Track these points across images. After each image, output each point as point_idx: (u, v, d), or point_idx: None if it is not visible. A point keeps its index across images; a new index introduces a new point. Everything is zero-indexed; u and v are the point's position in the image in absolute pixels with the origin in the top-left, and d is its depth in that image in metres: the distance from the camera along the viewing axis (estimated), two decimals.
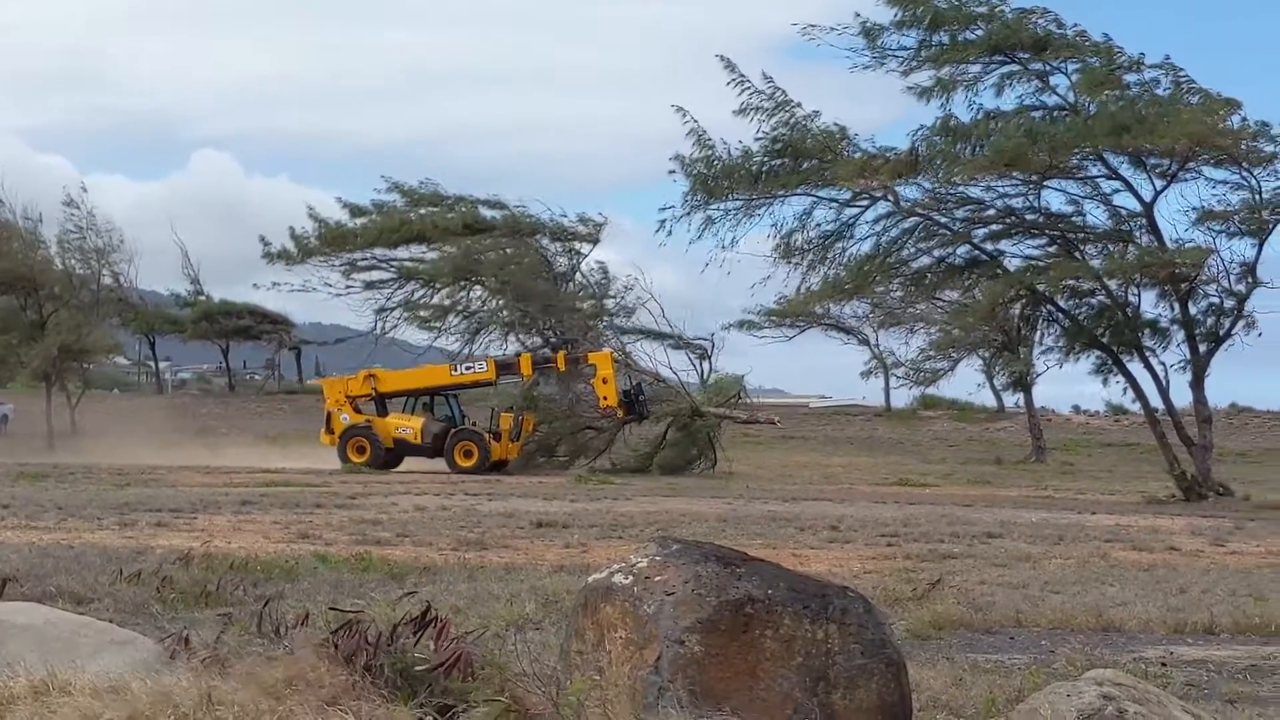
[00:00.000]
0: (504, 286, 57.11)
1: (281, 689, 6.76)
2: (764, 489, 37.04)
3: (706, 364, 55.72)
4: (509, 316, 58.01)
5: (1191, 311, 36.96)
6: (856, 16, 36.48)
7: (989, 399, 78.95)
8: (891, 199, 37.18)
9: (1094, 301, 38.16)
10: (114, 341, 72.97)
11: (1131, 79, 35.81)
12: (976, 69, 36.38)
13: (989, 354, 65.16)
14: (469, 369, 50.06)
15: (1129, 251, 37.35)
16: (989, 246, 38.57)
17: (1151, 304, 37.96)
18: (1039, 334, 43.54)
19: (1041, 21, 35.79)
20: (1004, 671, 9.97)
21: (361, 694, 6.76)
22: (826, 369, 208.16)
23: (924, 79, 36.38)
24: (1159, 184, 36.72)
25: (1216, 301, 37.11)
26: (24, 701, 7.01)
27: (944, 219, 37.91)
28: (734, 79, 37.21)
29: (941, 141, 35.92)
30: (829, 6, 39.88)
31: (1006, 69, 36.30)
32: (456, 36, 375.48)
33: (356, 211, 62.95)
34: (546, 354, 50.66)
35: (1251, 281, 36.65)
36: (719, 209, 38.26)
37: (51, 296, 61.98)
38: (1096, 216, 38.39)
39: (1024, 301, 41.53)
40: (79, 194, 62.94)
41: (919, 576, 15.58)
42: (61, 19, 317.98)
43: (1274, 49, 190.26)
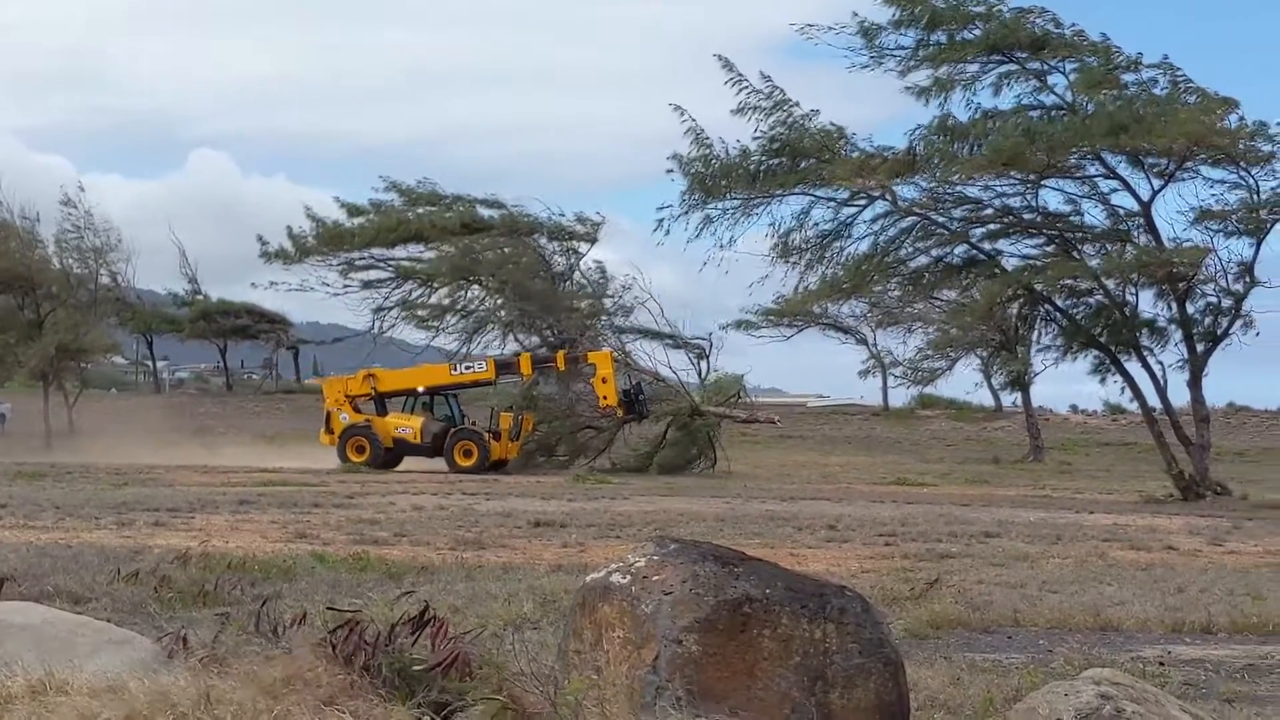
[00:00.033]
0: (503, 286, 57.07)
1: (279, 688, 6.75)
2: (762, 488, 37.04)
3: (705, 363, 55.71)
4: (507, 316, 57.99)
5: (1189, 311, 36.98)
6: (854, 16, 36.55)
7: (987, 398, 79.07)
8: (889, 198, 37.17)
9: (1092, 301, 38.18)
10: (111, 341, 72.96)
11: (1129, 78, 35.88)
12: (974, 68, 36.43)
13: (987, 353, 65.19)
14: (469, 368, 50.05)
15: (1127, 251, 37.37)
16: (987, 246, 38.59)
17: (1149, 303, 38.05)
18: (1037, 333, 43.54)
19: (1039, 21, 35.83)
20: (1002, 671, 9.97)
21: (359, 693, 6.76)
22: (824, 368, 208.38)
23: (922, 78, 36.47)
24: (1157, 183, 36.79)
25: (1214, 301, 37.18)
26: (22, 701, 7.01)
27: (942, 218, 37.92)
28: (731, 78, 37.26)
29: (939, 141, 35.93)
30: (829, 6, 39.87)
31: (1004, 68, 36.34)
32: (456, 36, 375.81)
33: (354, 211, 62.91)
34: (546, 353, 50.67)
35: (1249, 281, 36.70)
36: (717, 208, 38.28)
37: (49, 296, 61.96)
38: (1094, 216, 38.47)
39: (1022, 301, 41.52)
40: (76, 193, 63.07)
41: (917, 576, 15.58)
42: (60, 19, 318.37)
43: (1269, 49, 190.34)
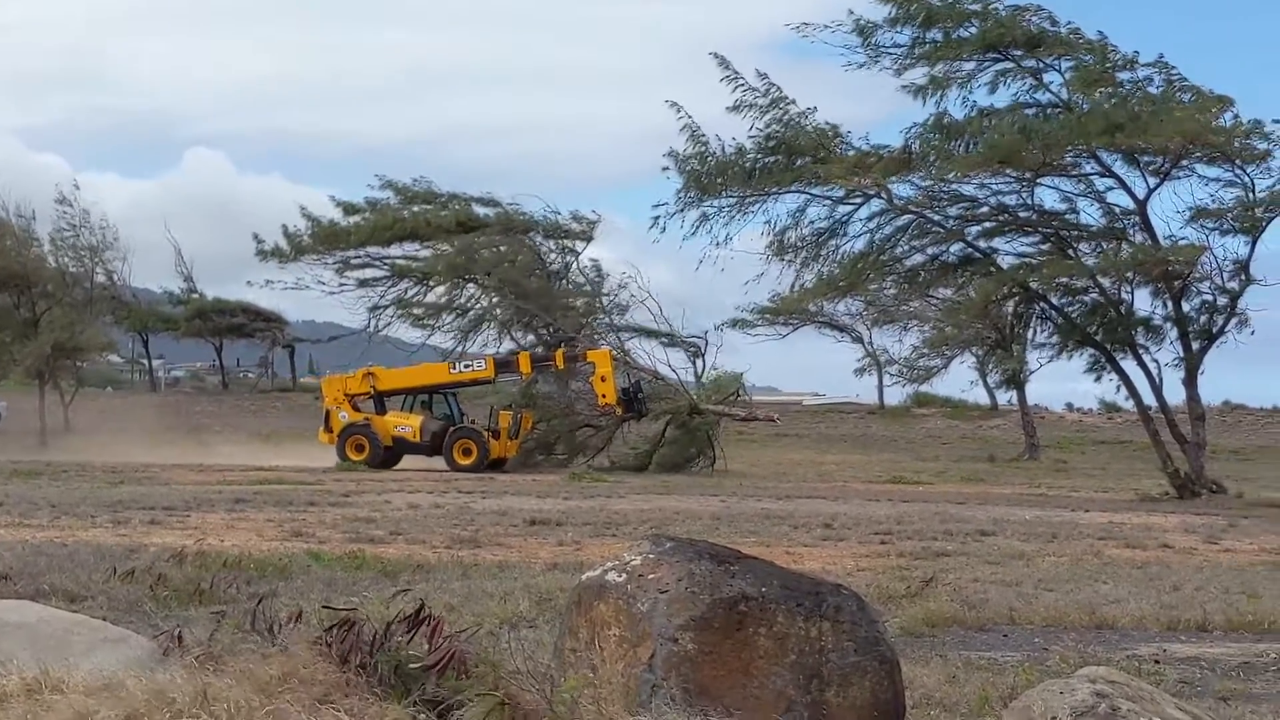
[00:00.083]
0: (501, 284, 56.99)
1: (275, 686, 6.76)
2: (757, 487, 37.03)
3: (700, 362, 55.71)
4: (504, 314, 57.88)
5: (1185, 309, 37.02)
6: (850, 15, 36.55)
7: (982, 396, 79.25)
8: (885, 196, 37.17)
9: (1087, 299, 38.20)
10: (107, 339, 72.90)
11: (1125, 77, 35.89)
12: (970, 66, 36.41)
13: (982, 351, 65.35)
14: (468, 367, 50.01)
15: (1122, 249, 37.38)
16: (982, 244, 38.61)
17: (1145, 301, 38.09)
18: (1032, 331, 43.61)
19: (1035, 19, 35.85)
20: (997, 669, 9.98)
21: (354, 691, 6.76)
22: (820, 366, 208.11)
23: (918, 76, 36.45)
24: (1152, 181, 36.80)
25: (1210, 299, 37.19)
26: (18, 699, 7.00)
27: (937, 216, 37.91)
28: (727, 76, 37.25)
29: (935, 139, 35.93)
30: (826, 5, 39.82)
31: (1000, 66, 36.32)
32: (453, 36, 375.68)
33: (350, 209, 62.88)
34: (545, 352, 50.64)
35: (1244, 279, 36.70)
36: (712, 206, 38.25)
37: (45, 294, 61.95)
38: (1090, 214, 38.50)
39: (1017, 299, 41.57)
40: (72, 192, 63.04)
41: (912, 574, 15.58)
42: (56, 19, 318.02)
43: (1262, 49, 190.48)
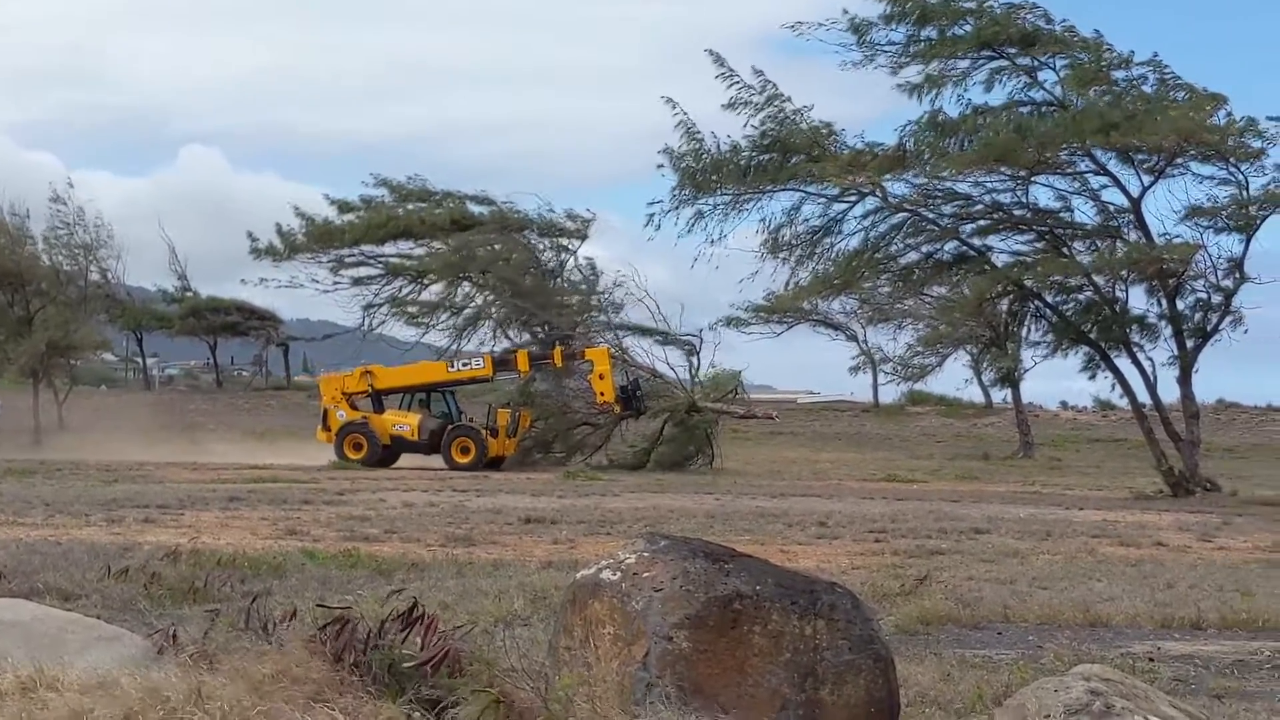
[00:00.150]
0: (498, 282, 56.91)
1: (269, 684, 6.75)
2: (752, 485, 37.04)
3: (694, 360, 55.69)
4: (500, 313, 57.77)
5: (1179, 307, 37.02)
6: (845, 14, 36.54)
7: (977, 394, 79.19)
8: (880, 194, 37.15)
9: (1082, 297, 38.20)
10: (101, 338, 72.81)
11: (1119, 75, 35.89)
12: (965, 64, 36.40)
13: (977, 350, 65.33)
14: (466, 365, 49.96)
15: (1117, 247, 37.39)
16: (977, 242, 38.59)
17: (1140, 300, 38.08)
18: (1026, 330, 43.61)
19: (1030, 17, 35.84)
20: (991, 667, 9.99)
21: (349, 690, 6.76)
22: (814, 365, 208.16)
23: (913, 74, 36.44)
24: (1147, 180, 36.78)
25: (1204, 297, 37.19)
26: (13, 698, 7.00)
27: (932, 214, 37.88)
28: (723, 73, 37.23)
29: (929, 136, 35.93)
30: (823, 4, 39.80)
31: (995, 64, 36.31)
32: (450, 34, 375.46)
33: (344, 207, 62.82)
34: (543, 350, 50.62)
35: (1239, 277, 36.72)
36: (707, 203, 38.22)
37: (39, 292, 61.90)
38: (1084, 212, 38.48)
39: (1012, 297, 41.57)
40: (65, 190, 62.96)
41: (907, 572, 15.59)
42: (48, 17, 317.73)
43: (1257, 50, 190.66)
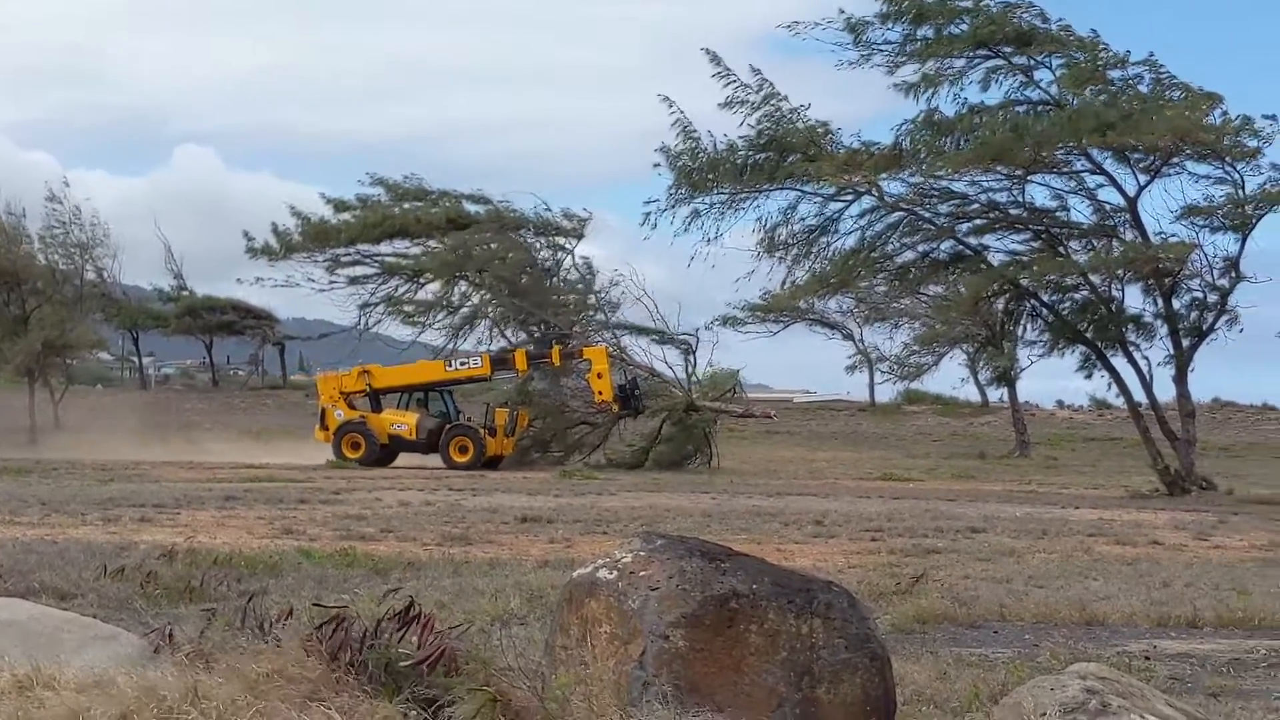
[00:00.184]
0: (496, 282, 56.83)
1: (265, 684, 6.75)
2: (748, 484, 37.05)
3: (690, 359, 55.65)
4: (497, 312, 57.69)
5: (1175, 306, 37.05)
6: (841, 13, 36.53)
7: (973, 393, 79.19)
8: (876, 194, 37.15)
9: (1078, 296, 38.24)
10: (97, 337, 72.70)
11: (1115, 75, 35.90)
12: (961, 63, 36.42)
13: (973, 349, 65.36)
14: (464, 364, 49.92)
15: (1113, 246, 37.41)
16: (973, 241, 38.61)
17: (1136, 299, 38.12)
18: (1023, 329, 43.65)
19: (1025, 15, 35.85)
20: (988, 665, 9.99)
21: (345, 689, 6.75)
22: (811, 364, 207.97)
23: (909, 74, 36.45)
24: (1143, 179, 36.82)
25: (1200, 296, 37.24)
26: (9, 696, 6.99)
27: (928, 214, 37.90)
28: (719, 72, 37.23)
29: (926, 136, 35.93)
30: (818, 3, 39.89)
31: (991, 63, 36.32)
32: (446, 34, 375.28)
33: (340, 206, 62.69)
34: (541, 349, 50.60)
35: (1234, 276, 36.75)
36: (704, 202, 38.22)
37: (35, 291, 61.85)
38: (1081, 211, 38.51)
39: (1008, 296, 41.58)
40: (61, 189, 62.91)
41: (903, 571, 15.59)
42: (44, 17, 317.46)
43: (1249, 52, 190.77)
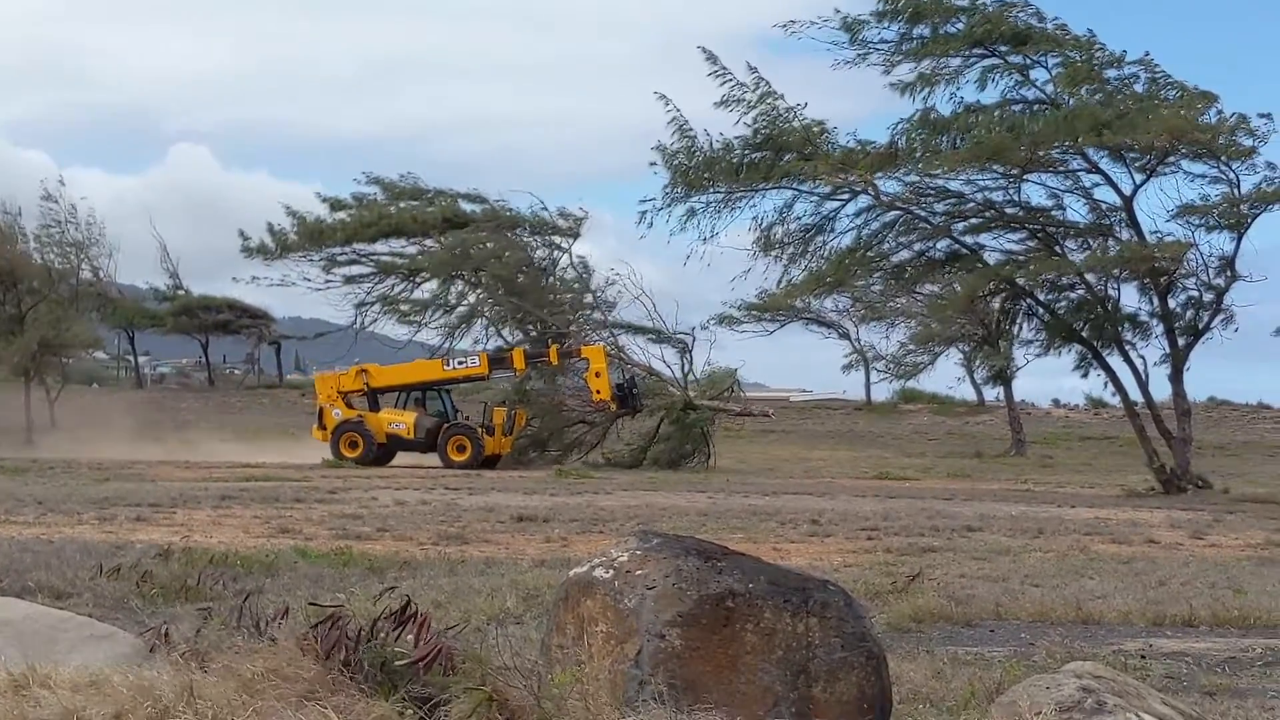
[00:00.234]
0: (493, 281, 56.77)
1: (260, 683, 6.74)
2: (744, 483, 37.05)
3: (688, 358, 55.64)
4: (495, 311, 57.59)
5: (1171, 305, 37.08)
6: (837, 12, 36.54)
7: (969, 393, 79.37)
8: (872, 193, 37.15)
9: (1074, 295, 38.26)
10: (93, 336, 72.64)
11: (1111, 74, 35.92)
12: (957, 62, 36.42)
13: (969, 348, 65.44)
14: (462, 363, 49.91)
15: (1109, 245, 37.43)
16: (969, 240, 38.64)
17: (1131, 298, 38.16)
18: (1019, 328, 43.67)
19: (1022, 15, 35.86)
20: (984, 664, 9.99)
21: (340, 688, 6.75)
22: (807, 363, 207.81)
23: (905, 73, 36.45)
24: (1139, 178, 36.86)
25: (1196, 295, 37.29)
26: (5, 695, 6.99)
27: (924, 212, 37.92)
28: (715, 71, 37.22)
29: (922, 134, 35.94)
30: (819, 4, 39.88)
31: (987, 63, 36.31)
32: (444, 31, 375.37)
33: (336, 205, 62.59)
34: (539, 348, 50.60)
35: (1230, 275, 36.79)
36: (700, 201, 38.22)
37: (31, 291, 61.81)
38: (1076, 210, 38.52)
39: (1004, 295, 41.61)
40: (57, 188, 62.86)
41: (899, 570, 15.60)
42: (40, 13, 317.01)
43: (1246, 52, 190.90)
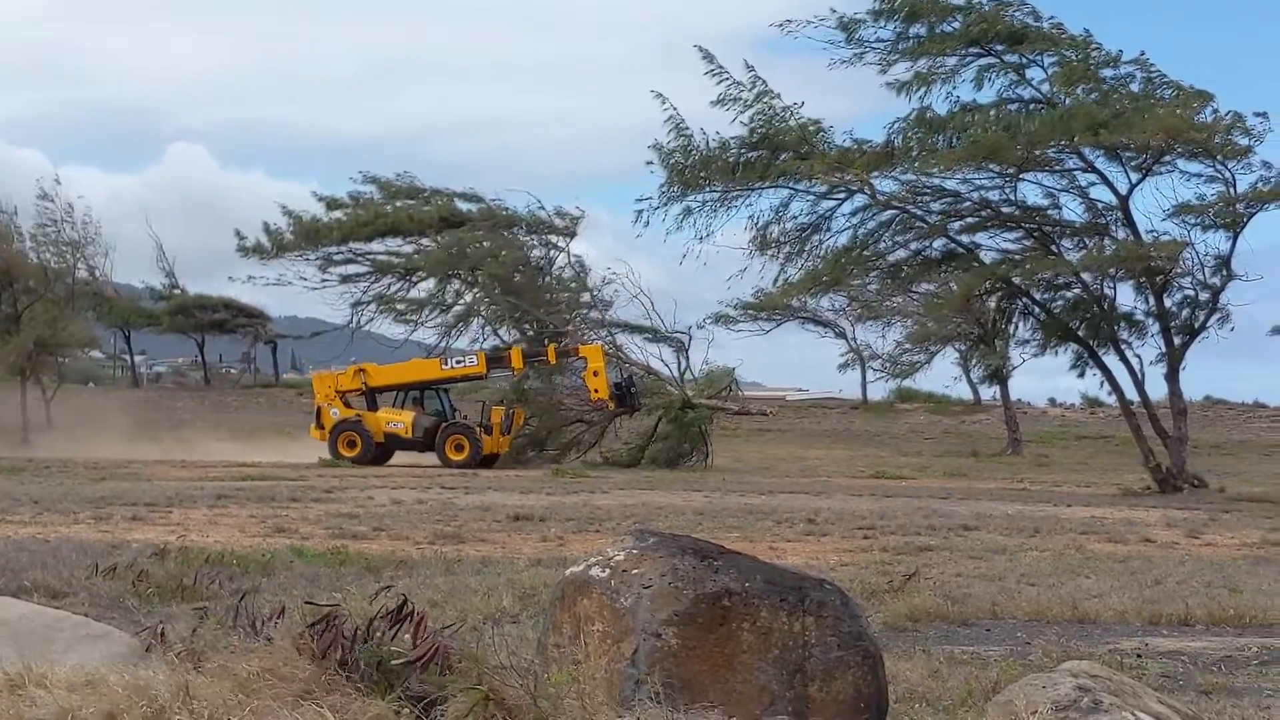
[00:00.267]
0: (490, 280, 56.73)
1: (256, 683, 6.74)
2: (741, 482, 37.07)
3: (685, 357, 55.64)
4: (495, 310, 57.54)
5: (1167, 304, 37.13)
6: (833, 12, 36.54)
7: (965, 392, 79.37)
8: (868, 192, 37.15)
9: (1070, 294, 38.27)
10: (89, 335, 72.61)
11: (1107, 74, 35.94)
12: (953, 62, 36.42)
13: (965, 347, 65.45)
14: (459, 363, 49.89)
15: (1105, 245, 37.44)
16: (965, 239, 38.64)
17: (1127, 297, 38.17)
18: (1015, 327, 43.68)
19: (1018, 14, 35.87)
20: (980, 663, 9.99)
21: (337, 688, 6.74)
22: (803, 362, 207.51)
23: (901, 72, 36.46)
24: (1134, 177, 36.86)
25: (1191, 294, 37.31)
26: (1, 695, 6.98)
27: (920, 212, 37.92)
28: (712, 70, 37.22)
29: (918, 134, 35.94)
30: (816, 3, 39.92)
31: (983, 62, 36.32)
32: (441, 30, 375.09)
33: (333, 204, 62.58)
34: (537, 347, 50.58)
35: (1226, 274, 36.81)
36: (696, 200, 38.22)
37: (27, 290, 61.77)
38: (1072, 210, 38.55)
39: (1000, 294, 41.61)
40: (53, 187, 62.80)
41: (895, 569, 15.60)
42: (39, 13, 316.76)
43: (1243, 53, 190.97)
